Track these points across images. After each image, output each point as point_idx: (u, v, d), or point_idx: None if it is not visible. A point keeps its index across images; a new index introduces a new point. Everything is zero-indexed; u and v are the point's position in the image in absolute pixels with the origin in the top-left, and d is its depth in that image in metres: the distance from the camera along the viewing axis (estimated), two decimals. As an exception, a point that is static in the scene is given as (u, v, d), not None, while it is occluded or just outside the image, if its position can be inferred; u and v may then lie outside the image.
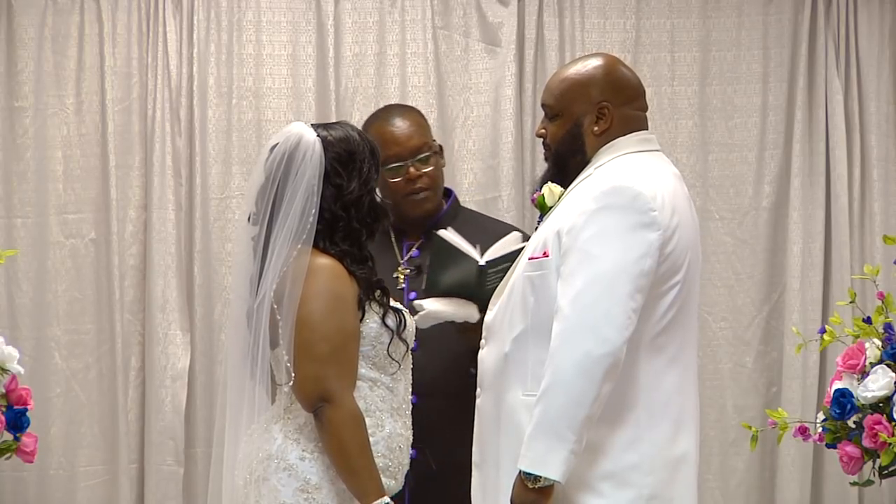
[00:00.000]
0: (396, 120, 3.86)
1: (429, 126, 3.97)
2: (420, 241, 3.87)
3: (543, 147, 3.36)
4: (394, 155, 3.82)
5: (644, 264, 3.06)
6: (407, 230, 3.89)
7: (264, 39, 4.91)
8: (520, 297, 3.22)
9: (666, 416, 3.16)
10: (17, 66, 4.82)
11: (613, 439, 3.12)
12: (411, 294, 3.78)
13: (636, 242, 3.07)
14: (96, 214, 4.83)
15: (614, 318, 3.02)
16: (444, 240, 3.48)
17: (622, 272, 3.04)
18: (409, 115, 3.91)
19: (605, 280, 3.03)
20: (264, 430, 3.23)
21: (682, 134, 4.97)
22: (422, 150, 3.84)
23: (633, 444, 3.12)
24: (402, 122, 3.86)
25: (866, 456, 3.75)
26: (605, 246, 3.06)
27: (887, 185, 4.95)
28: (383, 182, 3.82)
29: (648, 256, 3.07)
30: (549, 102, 3.32)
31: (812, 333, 4.54)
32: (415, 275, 3.80)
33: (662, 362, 3.16)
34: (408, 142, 3.82)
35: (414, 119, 3.90)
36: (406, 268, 3.83)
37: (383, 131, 3.84)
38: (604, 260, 3.05)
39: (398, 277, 3.83)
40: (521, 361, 3.18)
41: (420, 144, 3.84)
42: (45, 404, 4.72)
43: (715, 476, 4.93)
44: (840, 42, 4.95)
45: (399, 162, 3.83)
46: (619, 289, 3.03)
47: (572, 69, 3.32)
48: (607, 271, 3.04)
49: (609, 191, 3.12)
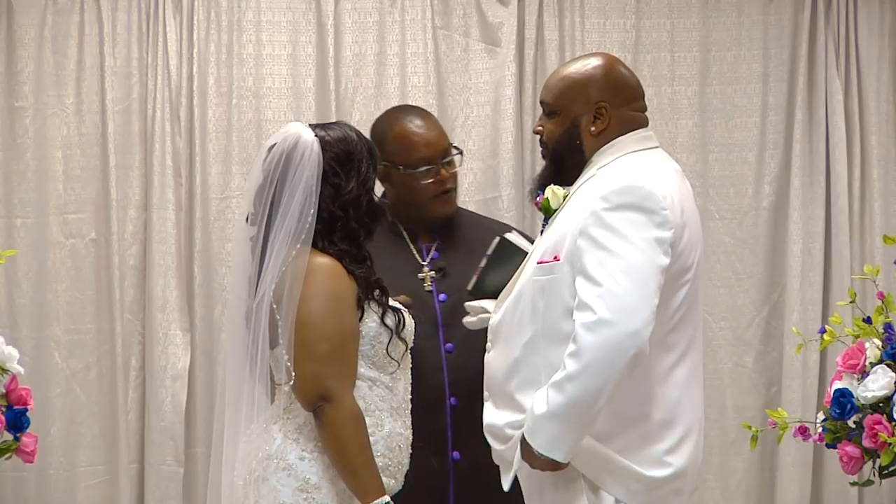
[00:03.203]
0: (420, 121, 3.83)
1: None
2: (436, 242, 3.85)
3: (540, 144, 3.36)
4: (424, 157, 3.78)
5: (662, 262, 3.08)
6: (419, 232, 3.86)
7: (264, 39, 4.91)
8: (529, 301, 3.21)
9: (675, 413, 3.16)
10: (17, 66, 4.82)
11: (625, 436, 3.13)
12: (441, 296, 3.76)
13: (652, 240, 3.07)
14: (96, 214, 4.84)
15: (641, 313, 3.02)
16: (511, 243, 3.47)
17: (645, 269, 3.05)
18: (430, 117, 3.88)
19: (631, 276, 3.03)
20: (264, 430, 3.23)
21: (682, 134, 4.98)
22: (449, 151, 3.82)
23: (642, 442, 3.13)
24: (427, 124, 3.82)
25: (866, 456, 3.74)
26: (626, 243, 3.06)
27: (887, 185, 4.95)
28: (408, 184, 3.79)
29: (664, 254, 3.08)
30: (548, 100, 3.32)
31: (812, 333, 4.53)
32: (441, 277, 3.79)
33: (672, 359, 3.17)
34: (438, 143, 3.79)
35: (435, 121, 3.88)
36: (430, 270, 3.82)
37: (410, 133, 3.80)
38: (627, 256, 3.05)
39: (424, 280, 3.81)
40: (532, 365, 3.17)
41: (447, 146, 3.82)
42: (45, 404, 4.72)
43: (715, 476, 4.94)
44: (840, 42, 4.95)
45: (430, 164, 3.78)
46: (644, 284, 3.04)
47: (572, 68, 3.31)
48: (632, 268, 3.04)
49: (619, 190, 3.12)
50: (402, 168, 3.78)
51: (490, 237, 3.54)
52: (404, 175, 3.78)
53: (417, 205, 3.81)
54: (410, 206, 3.81)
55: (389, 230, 3.82)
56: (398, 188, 3.81)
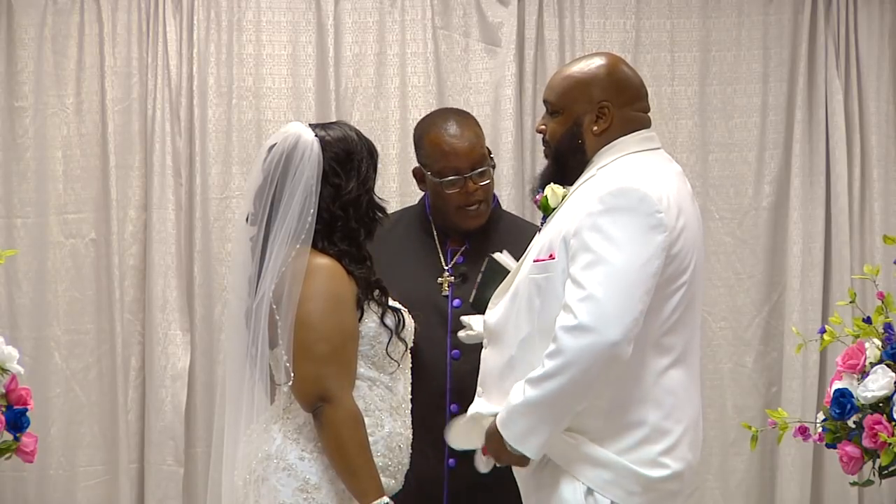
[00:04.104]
0: (456, 129, 3.76)
1: (484, 135, 3.87)
2: (464, 246, 3.82)
3: (543, 144, 3.36)
4: (452, 168, 3.74)
5: (652, 266, 3.07)
6: (450, 233, 3.83)
7: (264, 39, 4.91)
8: (525, 299, 3.21)
9: (672, 414, 3.16)
10: (17, 66, 4.82)
11: (621, 437, 3.13)
12: (455, 301, 3.74)
13: (644, 244, 3.07)
14: (96, 214, 4.84)
15: (622, 321, 3.02)
16: (498, 263, 3.46)
17: (632, 274, 3.04)
18: (468, 125, 3.80)
19: (616, 281, 3.03)
20: (263, 430, 3.23)
21: (682, 134, 4.98)
22: (481, 163, 3.76)
23: (639, 444, 3.13)
24: (462, 133, 3.76)
25: (866, 456, 3.74)
26: (615, 248, 3.06)
27: (887, 185, 4.95)
28: (437, 190, 3.76)
29: (656, 258, 3.08)
30: (551, 99, 3.31)
31: (812, 333, 4.53)
32: (460, 282, 3.78)
33: (668, 362, 3.16)
34: (468, 154, 3.73)
35: (472, 130, 3.79)
36: (451, 275, 3.80)
37: (441, 141, 3.76)
38: (614, 262, 3.04)
39: (442, 284, 3.79)
40: (529, 363, 3.17)
41: (480, 158, 3.76)
42: (45, 404, 4.72)
43: (715, 476, 4.93)
44: (840, 42, 4.95)
45: (457, 175, 3.74)
46: (629, 290, 3.03)
47: (575, 67, 3.31)
48: (618, 272, 3.04)
49: (615, 192, 3.11)
50: (430, 174, 3.77)
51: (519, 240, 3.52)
52: (433, 182, 3.77)
53: (445, 212, 3.79)
54: (440, 211, 3.81)
55: (422, 228, 3.81)
56: (430, 191, 3.81)
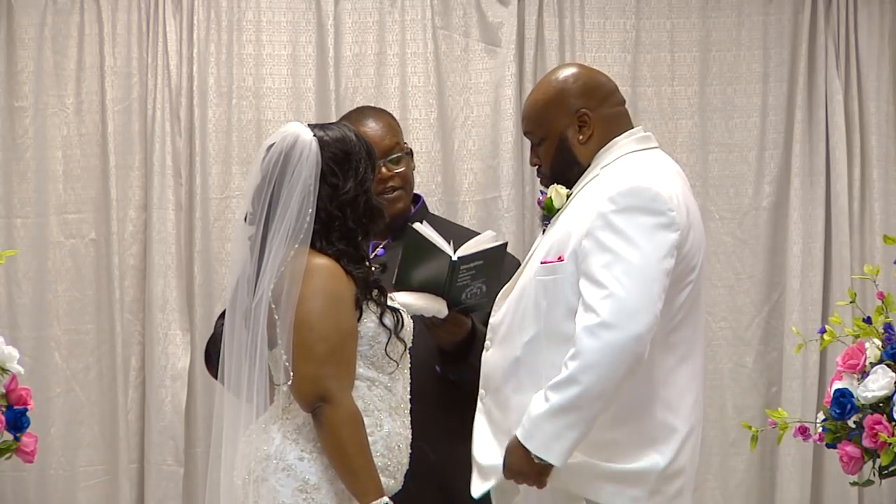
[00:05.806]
0: (369, 121, 3.86)
1: (400, 128, 3.95)
2: (386, 241, 3.86)
3: (538, 175, 3.37)
4: None
5: (667, 264, 3.08)
6: None
7: (264, 39, 4.91)
8: (531, 300, 3.21)
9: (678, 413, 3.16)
10: (17, 66, 4.82)
11: (628, 437, 3.13)
12: None
13: (659, 243, 3.08)
14: (96, 214, 4.84)
15: (645, 317, 3.02)
16: (417, 233, 3.45)
17: (651, 271, 3.05)
18: (382, 117, 3.92)
19: (636, 278, 3.04)
20: (263, 431, 3.23)
21: (682, 134, 4.98)
22: (393, 150, 3.84)
23: (648, 442, 3.13)
24: (374, 124, 3.86)
25: (866, 456, 3.74)
26: (632, 246, 3.06)
27: (887, 185, 4.95)
28: None
29: (670, 256, 3.09)
30: (531, 129, 3.34)
31: (812, 333, 4.53)
32: (380, 273, 3.79)
33: (675, 359, 3.17)
34: (380, 142, 3.80)
35: (386, 121, 3.90)
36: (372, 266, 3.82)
37: None
38: (632, 260, 3.05)
39: None
40: (534, 365, 3.17)
41: (392, 145, 3.84)
42: (45, 404, 4.72)
43: (715, 476, 4.93)
44: (840, 42, 4.95)
45: None
46: (649, 287, 3.04)
47: (539, 92, 3.33)
48: (637, 270, 3.04)
49: (627, 192, 3.12)
50: None
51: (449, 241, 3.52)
52: None
53: None
54: None
55: None
56: None
